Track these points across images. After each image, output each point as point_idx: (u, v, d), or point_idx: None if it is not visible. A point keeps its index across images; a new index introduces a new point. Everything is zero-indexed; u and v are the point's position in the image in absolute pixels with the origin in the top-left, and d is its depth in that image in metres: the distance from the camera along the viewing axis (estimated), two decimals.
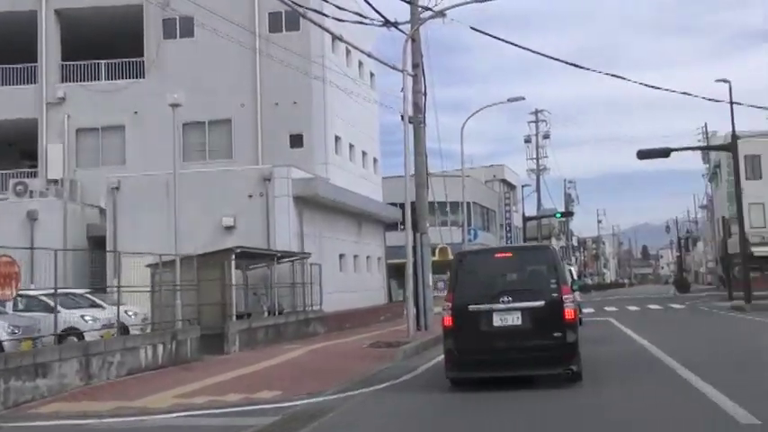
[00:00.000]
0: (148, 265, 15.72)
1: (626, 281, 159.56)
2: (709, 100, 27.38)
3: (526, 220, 58.68)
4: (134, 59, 26.98)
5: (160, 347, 13.60)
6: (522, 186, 64.83)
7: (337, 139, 27.78)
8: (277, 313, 20.11)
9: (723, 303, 33.65)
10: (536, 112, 61.98)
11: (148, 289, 15.48)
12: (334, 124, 27.31)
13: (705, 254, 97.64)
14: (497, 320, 9.59)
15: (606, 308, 35.51)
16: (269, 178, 22.06)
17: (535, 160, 61.31)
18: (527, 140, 62.55)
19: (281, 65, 23.98)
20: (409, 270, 19.85)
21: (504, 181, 69.68)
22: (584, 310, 31.08)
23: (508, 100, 31.72)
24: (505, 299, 9.57)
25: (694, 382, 9.72)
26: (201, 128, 26.41)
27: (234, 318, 17.15)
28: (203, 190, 21.81)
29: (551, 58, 22.40)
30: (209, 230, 21.53)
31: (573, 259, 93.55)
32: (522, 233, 62.36)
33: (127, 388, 11.32)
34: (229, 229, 21.78)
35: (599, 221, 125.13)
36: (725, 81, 30.41)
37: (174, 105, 15.33)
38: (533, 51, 26.45)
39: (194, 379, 12.01)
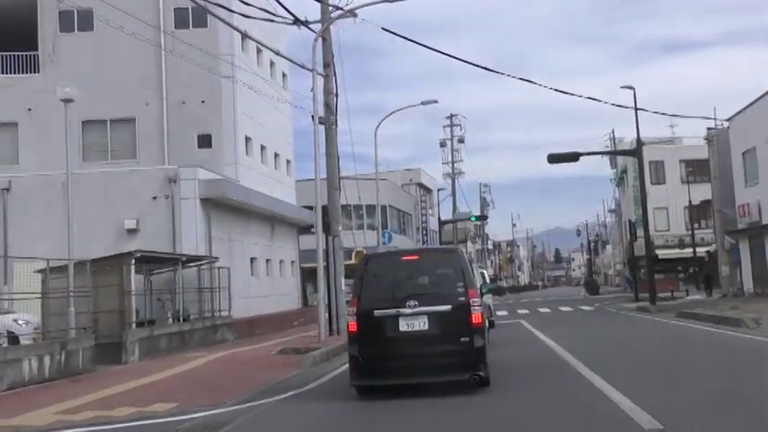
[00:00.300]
0: (38, 271, 14.70)
1: (539, 283, 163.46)
2: (616, 106, 28.07)
3: (442, 223, 59.09)
4: (28, 53, 25.51)
5: (47, 359, 12.67)
6: (438, 190, 65.35)
7: (248, 139, 27.06)
8: (182, 320, 19.28)
9: (629, 305, 34.59)
10: (451, 117, 62.56)
11: (39, 296, 14.47)
12: (245, 125, 26.58)
13: (613, 256, 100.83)
14: (403, 325, 9.31)
15: (519, 310, 35.93)
16: (174, 179, 21.20)
17: (450, 164, 61.77)
18: (442, 144, 63.06)
19: (188, 63, 23.10)
20: (320, 274, 19.43)
21: (420, 185, 70.05)
22: (498, 313, 31.37)
23: (422, 103, 31.68)
24: (412, 303, 9.27)
25: (600, 385, 9.64)
26: (103, 126, 25.21)
27: (133, 325, 16.27)
28: (104, 191, 20.84)
29: (463, 60, 22.40)
30: (110, 234, 20.55)
31: (488, 262, 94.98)
32: (438, 236, 62.80)
33: (4, 404, 10.43)
34: (132, 232, 20.81)
35: (513, 225, 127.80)
36: (629, 88, 31.24)
37: (67, 101, 14.39)
38: (444, 53, 26.56)
39: (83, 392, 11.20)
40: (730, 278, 34.00)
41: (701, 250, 51.30)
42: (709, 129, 34.96)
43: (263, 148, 28.89)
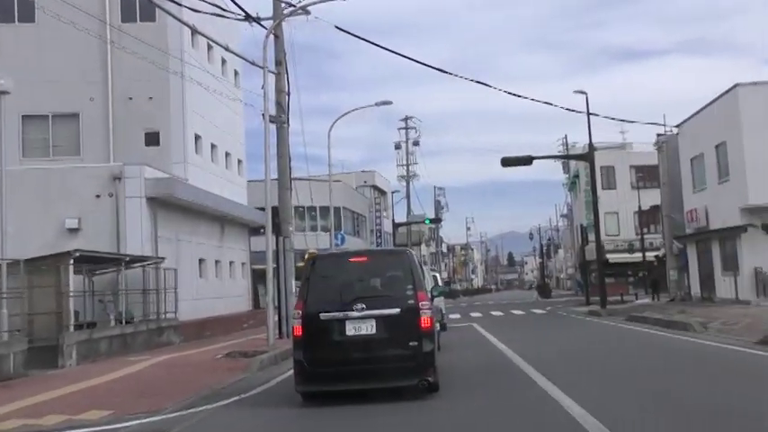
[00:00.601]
0: None
1: (493, 286, 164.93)
2: (568, 110, 28.29)
3: (396, 225, 58.95)
4: None
5: None
6: (393, 192, 65.20)
7: (197, 138, 26.44)
8: (125, 322, 18.63)
9: (581, 308, 34.85)
10: (406, 119, 62.50)
11: None
12: (194, 122, 25.96)
13: (565, 260, 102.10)
14: (351, 329, 9.03)
15: (472, 313, 35.91)
16: (119, 177, 20.53)
17: (405, 167, 61.68)
18: (397, 147, 62.93)
19: (136, 57, 22.41)
20: (270, 275, 19.03)
21: (374, 187, 69.85)
22: (451, 316, 31.33)
23: (376, 104, 31.48)
24: (359, 306, 9.01)
25: (550, 390, 9.49)
26: (44, 121, 24.29)
27: (71, 328, 15.61)
28: (44, 189, 20.10)
29: (415, 60, 22.18)
30: (50, 233, 19.78)
31: (442, 265, 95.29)
32: (393, 239, 62.64)
33: None
34: (74, 231, 20.06)
35: (468, 229, 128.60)
36: (582, 93, 31.51)
37: (2, 93, 13.72)
38: (396, 53, 26.42)
39: (11, 399, 10.59)
40: (678, 282, 34.49)
41: (650, 255, 52.22)
42: (658, 135, 35.46)
43: (213, 146, 28.28)
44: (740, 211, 25.80)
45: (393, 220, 60.37)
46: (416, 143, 62.75)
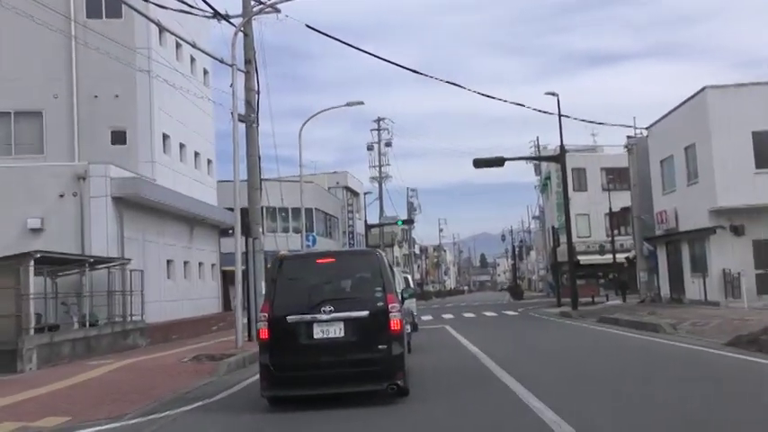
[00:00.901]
0: None
1: (465, 288, 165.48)
2: (540, 112, 28.25)
3: (369, 227, 58.73)
4: None
5: None
6: (365, 194, 64.97)
7: (165, 137, 25.99)
8: (89, 325, 18.16)
9: (552, 310, 34.93)
10: (378, 120, 62.32)
11: None
12: (162, 121, 25.51)
13: (537, 262, 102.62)
14: (318, 332, 8.82)
15: (444, 315, 35.81)
16: (84, 176, 20.03)
17: (378, 168, 61.48)
18: (369, 148, 62.76)
19: (102, 54, 21.94)
20: (238, 276, 18.77)
21: (347, 188, 69.60)
22: (423, 318, 31.22)
23: (347, 104, 31.20)
24: (327, 308, 8.81)
25: (522, 394, 9.33)
26: (6, 119, 23.68)
27: (31, 331, 15.14)
28: (5, 188, 19.55)
29: (387, 61, 21.97)
30: (11, 233, 19.24)
31: (415, 267, 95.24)
32: (365, 240, 62.44)
33: None
34: (36, 231, 19.53)
35: (440, 230, 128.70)
36: (553, 94, 31.57)
37: None
38: (368, 53, 26.13)
39: None
40: (648, 284, 34.70)
41: (620, 256, 52.62)
42: (628, 137, 35.67)
43: (182, 146, 27.84)
44: (709, 213, 25.97)
45: (365, 222, 60.14)
46: (389, 144, 62.66)
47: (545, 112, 29.14)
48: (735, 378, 10.44)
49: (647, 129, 32.55)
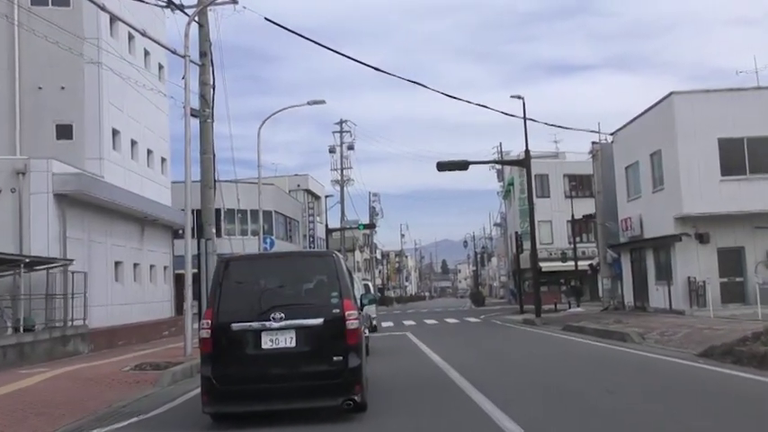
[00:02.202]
0: None
1: (426, 294, 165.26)
2: (505, 114, 27.75)
3: (330, 231, 57.69)
4: None
5: None
6: (326, 197, 63.96)
7: (116, 132, 24.76)
8: (23, 330, 16.91)
9: (515, 317, 34.36)
10: (341, 122, 61.32)
11: None
12: (112, 116, 24.29)
13: (498, 269, 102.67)
14: (267, 342, 8.03)
15: (405, 321, 35.03)
16: (23, 171, 18.81)
17: (339, 171, 60.51)
18: (332, 151, 61.63)
19: (48, 43, 20.67)
20: (188, 280, 17.70)
21: (308, 191, 68.51)
22: (384, 324, 30.45)
23: (308, 103, 30.23)
24: (277, 315, 8.02)
25: (488, 408, 8.57)
26: None
27: None
28: None
29: (350, 58, 21.04)
30: None
31: (376, 272, 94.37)
32: (326, 244, 61.40)
33: None
34: None
35: (402, 236, 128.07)
36: (519, 97, 31.02)
37: None
38: (330, 49, 25.12)
39: None
40: (611, 291, 34.33)
41: (583, 264, 52.45)
42: (593, 143, 35.31)
43: (134, 143, 26.60)
44: (674, 221, 25.57)
45: (326, 226, 59.11)
46: (351, 147, 61.69)
47: (510, 115, 28.64)
48: (716, 392, 9.76)
49: (611, 134, 32.20)
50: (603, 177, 34.81)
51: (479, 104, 27.43)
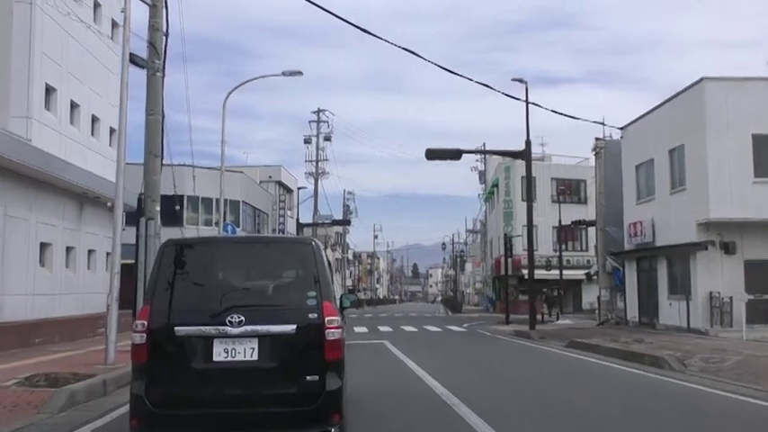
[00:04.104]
0: None
1: (397, 297, 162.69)
2: (508, 96, 24.44)
3: (301, 226, 53.85)
4: None
5: None
6: (299, 189, 60.16)
7: (51, 90, 20.84)
8: None
9: (502, 327, 31.00)
10: (318, 111, 57.58)
11: None
12: (47, 69, 20.37)
13: (473, 275, 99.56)
14: (220, 353, 6.10)
15: (380, 327, 31.48)
16: None
17: (314, 163, 56.73)
18: (307, 141, 57.83)
19: None
20: (115, 267, 14.04)
21: (280, 183, 64.72)
22: (356, 329, 27.04)
23: (283, 73, 26.52)
24: (236, 319, 6.10)
25: None
26: None
27: None
28: None
29: (329, 12, 17.17)
30: None
31: (347, 272, 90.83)
32: None
33: None
34: None
35: (375, 237, 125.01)
36: (521, 81, 27.60)
37: None
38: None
39: None
40: (609, 303, 31.08)
41: (568, 273, 49.46)
42: (597, 139, 32.06)
43: (74, 105, 22.69)
44: (697, 227, 22.33)
45: (298, 220, 55.18)
46: (328, 138, 58.01)
47: (514, 98, 25.23)
48: None
49: (621, 129, 28.92)
50: (606, 178, 31.60)
51: (481, 83, 23.77)
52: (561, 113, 25.23)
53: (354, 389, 8.99)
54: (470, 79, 22.65)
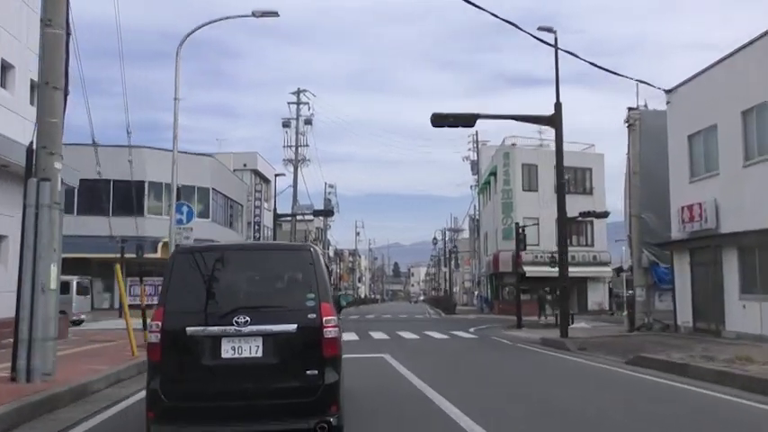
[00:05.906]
0: None
1: (378, 297, 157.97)
2: (535, 38, 19.30)
3: (278, 217, 48.31)
4: None
5: None
6: (276, 175, 54.58)
7: None
8: None
9: (517, 333, 25.88)
10: (298, 92, 51.97)
11: None
12: None
13: (462, 273, 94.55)
14: (228, 350, 6.51)
15: (373, 333, 26.22)
16: None
17: (294, 148, 51.19)
18: (285, 125, 52.20)
19: None
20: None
21: (255, 171, 59.22)
22: (345, 337, 21.62)
23: (253, 13, 21.06)
24: (242, 319, 6.51)
25: None
26: None
27: None
28: None
29: None
30: None
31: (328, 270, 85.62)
32: (273, 234, 52.07)
33: None
34: None
35: (357, 234, 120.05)
36: (549, 30, 22.32)
37: None
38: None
39: None
40: (645, 305, 25.98)
41: (577, 270, 44.65)
42: (630, 109, 26.95)
43: None
44: None
45: (275, 212, 49.64)
46: (309, 122, 52.42)
47: (542, 41, 20.05)
48: None
49: (667, 92, 23.78)
50: (641, 155, 26.52)
51: (506, 20, 18.61)
52: (597, 65, 20.01)
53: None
54: (495, 15, 17.51)
